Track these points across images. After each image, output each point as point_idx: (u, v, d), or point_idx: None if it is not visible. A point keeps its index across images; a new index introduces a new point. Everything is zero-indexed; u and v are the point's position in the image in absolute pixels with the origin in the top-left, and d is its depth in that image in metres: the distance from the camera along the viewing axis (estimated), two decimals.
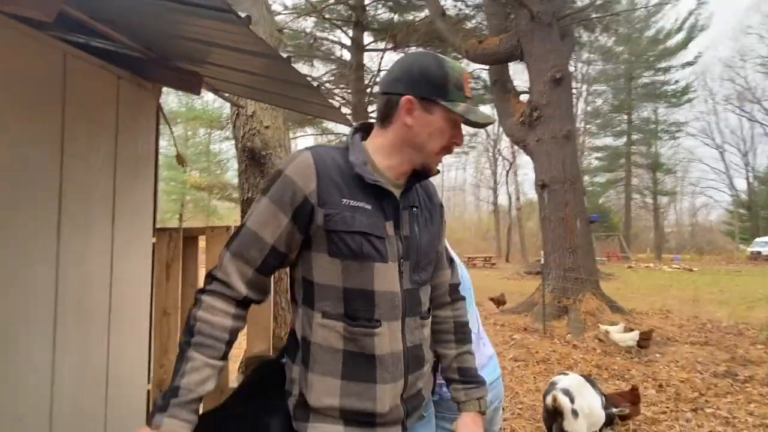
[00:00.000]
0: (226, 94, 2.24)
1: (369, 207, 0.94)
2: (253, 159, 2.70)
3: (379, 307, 0.92)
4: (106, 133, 1.67)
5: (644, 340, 5.82)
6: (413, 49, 16.76)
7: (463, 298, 1.23)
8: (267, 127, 2.72)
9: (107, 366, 1.65)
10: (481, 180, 41.03)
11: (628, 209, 34.65)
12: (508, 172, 31.36)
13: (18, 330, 1.35)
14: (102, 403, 1.60)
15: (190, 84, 1.86)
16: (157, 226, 1.92)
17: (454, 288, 1.19)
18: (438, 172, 1.05)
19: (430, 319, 1.08)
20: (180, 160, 2.28)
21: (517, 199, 31.04)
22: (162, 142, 2.04)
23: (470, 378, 1.11)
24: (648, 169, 34.52)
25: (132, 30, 1.54)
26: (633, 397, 3.52)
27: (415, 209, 1.02)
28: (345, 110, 18.83)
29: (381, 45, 16.66)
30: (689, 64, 30.62)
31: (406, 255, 0.98)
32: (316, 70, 18.44)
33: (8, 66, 1.30)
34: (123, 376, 1.71)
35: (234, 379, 1.46)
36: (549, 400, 2.97)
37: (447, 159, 38.07)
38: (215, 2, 1.02)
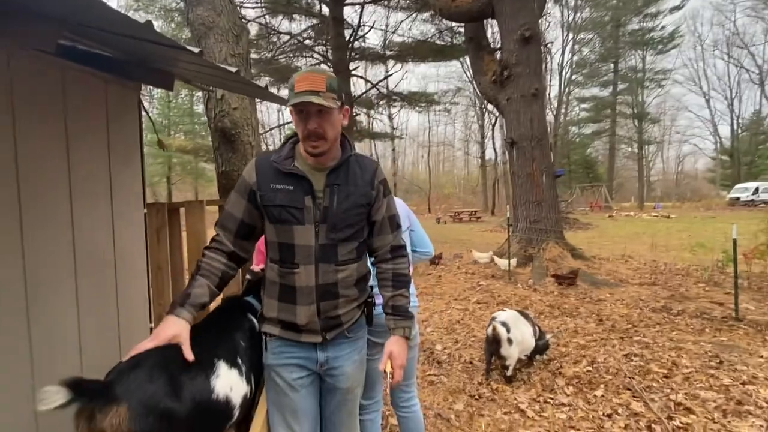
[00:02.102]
0: (197, 84, 2.61)
1: (291, 187, 1.39)
2: (224, 137, 3.10)
3: (297, 255, 1.40)
4: (99, 128, 2.07)
5: (569, 278, 6.78)
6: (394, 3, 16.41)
7: (404, 255, 1.58)
8: (235, 109, 3.10)
9: (117, 309, 2.16)
10: (469, 134, 41.02)
11: (613, 159, 35.21)
12: (493, 126, 31.43)
13: (48, 280, 1.83)
14: (115, 336, 2.13)
15: (164, 81, 2.25)
16: (148, 198, 2.37)
17: (395, 248, 1.56)
18: (318, 155, 1.38)
19: (349, 266, 1.44)
20: (161, 145, 2.69)
21: (504, 152, 31.34)
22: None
23: (399, 313, 1.52)
24: (633, 119, 34.81)
25: (113, 45, 1.92)
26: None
27: (336, 186, 1.41)
28: (325, 67, 18.51)
29: None
30: (677, 8, 30.18)
31: (323, 219, 1.40)
32: (297, 25, 17.99)
33: (24, 87, 1.69)
34: (130, 316, 2.22)
35: None
36: (489, 330, 3.57)
37: (433, 114, 37.62)
38: (175, 43, 1.43)
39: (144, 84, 2.29)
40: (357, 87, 19.80)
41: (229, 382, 1.40)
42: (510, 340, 3.47)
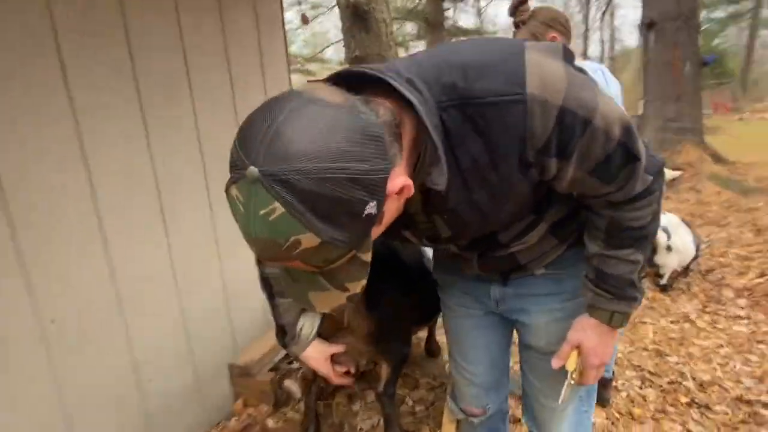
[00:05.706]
0: None
1: None
2: (356, 15, 2.75)
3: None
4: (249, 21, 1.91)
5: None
6: None
7: (639, 203, 0.76)
8: None
9: None
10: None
11: (750, 50, 29.10)
12: (603, 14, 27.06)
13: None
14: None
15: None
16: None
17: (620, 204, 0.77)
18: None
19: (525, 239, 0.87)
20: (304, 19, 2.47)
21: (612, 47, 27.33)
22: None
23: (606, 285, 0.82)
24: None
25: None
26: None
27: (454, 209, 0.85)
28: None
29: None
30: None
31: (453, 239, 0.89)
32: None
33: None
34: None
35: None
36: None
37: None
38: None
39: None
40: None
41: None
42: (669, 248, 3.07)
